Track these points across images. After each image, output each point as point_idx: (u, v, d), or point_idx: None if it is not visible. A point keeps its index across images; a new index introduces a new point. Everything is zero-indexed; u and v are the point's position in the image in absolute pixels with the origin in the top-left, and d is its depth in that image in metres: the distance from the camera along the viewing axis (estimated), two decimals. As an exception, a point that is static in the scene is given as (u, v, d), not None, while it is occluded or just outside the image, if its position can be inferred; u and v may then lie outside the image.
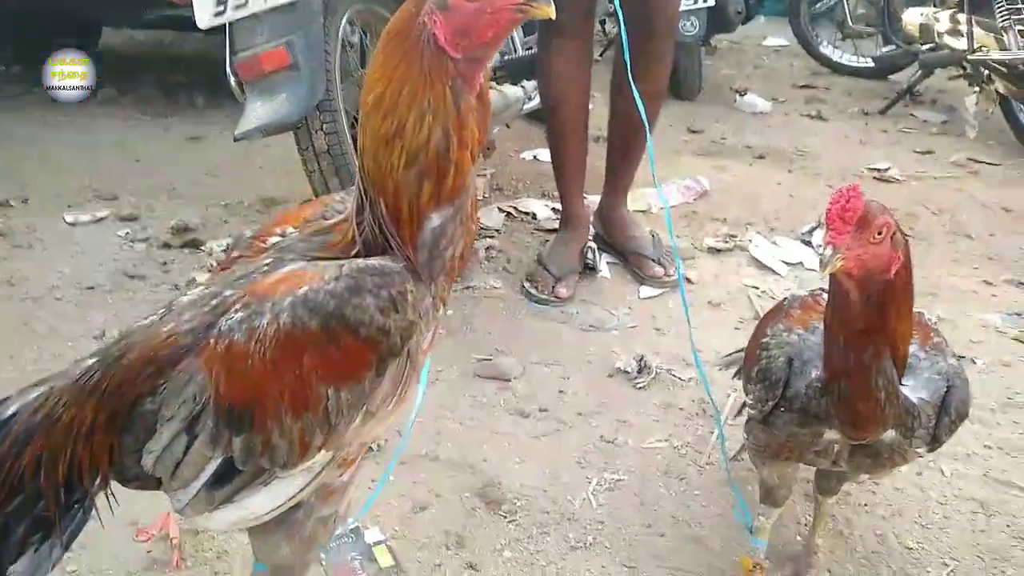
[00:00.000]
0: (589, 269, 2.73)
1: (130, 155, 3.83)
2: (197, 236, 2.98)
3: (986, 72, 3.86)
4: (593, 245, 2.77)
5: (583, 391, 2.09)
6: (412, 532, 1.57)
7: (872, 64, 5.10)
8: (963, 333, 2.47)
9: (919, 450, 1.19)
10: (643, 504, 1.69)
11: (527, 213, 3.27)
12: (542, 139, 3.35)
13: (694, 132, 4.16)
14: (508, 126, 3.61)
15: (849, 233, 0.97)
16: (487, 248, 2.90)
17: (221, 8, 1.99)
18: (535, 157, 3.75)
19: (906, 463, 1.25)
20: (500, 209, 3.26)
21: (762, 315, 2.51)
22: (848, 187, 1.00)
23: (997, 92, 3.82)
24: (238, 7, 1.98)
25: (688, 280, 2.73)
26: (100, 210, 3.22)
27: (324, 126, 2.12)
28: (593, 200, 2.97)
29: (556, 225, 2.90)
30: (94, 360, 0.98)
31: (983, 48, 3.80)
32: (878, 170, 3.63)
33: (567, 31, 2.44)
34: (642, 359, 2.18)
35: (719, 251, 2.97)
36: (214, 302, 0.95)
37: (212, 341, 0.91)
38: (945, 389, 1.14)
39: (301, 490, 0.98)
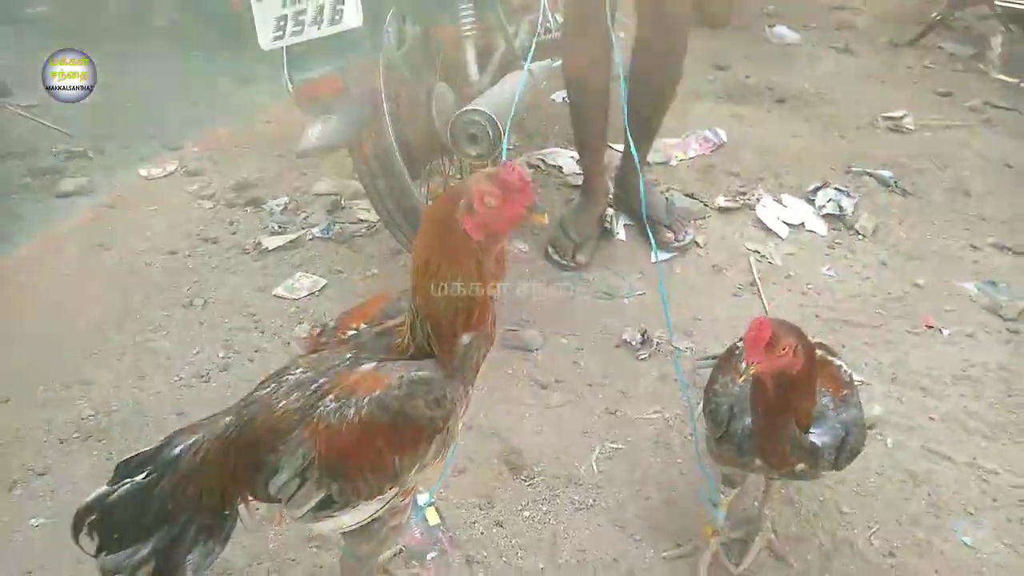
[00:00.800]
0: (607, 232, 3.05)
1: (187, 98, 4.13)
2: (257, 193, 3.34)
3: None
4: (611, 212, 3.07)
5: (593, 362, 2.48)
6: (452, 494, 2.02)
7: (909, -20, 5.04)
8: (938, 301, 2.77)
9: (824, 472, 1.59)
10: (634, 471, 2.11)
11: (554, 166, 3.55)
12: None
13: (720, 69, 4.28)
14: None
15: (760, 352, 1.33)
16: (516, 209, 3.20)
17: (280, 33, 2.25)
18: (564, 99, 3.94)
19: (818, 479, 1.66)
20: (529, 163, 3.53)
21: (759, 282, 2.86)
22: (760, 319, 1.35)
23: None
24: (294, 33, 2.23)
25: (696, 244, 3.04)
26: (168, 163, 3.59)
27: (372, 133, 2.41)
28: (616, 148, 3.16)
29: (581, 181, 3.17)
30: (230, 419, 1.40)
31: (1013, -10, 3.82)
32: (893, 119, 3.78)
33: (588, 25, 2.66)
34: (645, 332, 2.55)
35: (729, 210, 3.23)
36: (314, 387, 1.36)
37: (315, 420, 1.32)
38: (843, 435, 1.52)
39: (377, 511, 1.42)
